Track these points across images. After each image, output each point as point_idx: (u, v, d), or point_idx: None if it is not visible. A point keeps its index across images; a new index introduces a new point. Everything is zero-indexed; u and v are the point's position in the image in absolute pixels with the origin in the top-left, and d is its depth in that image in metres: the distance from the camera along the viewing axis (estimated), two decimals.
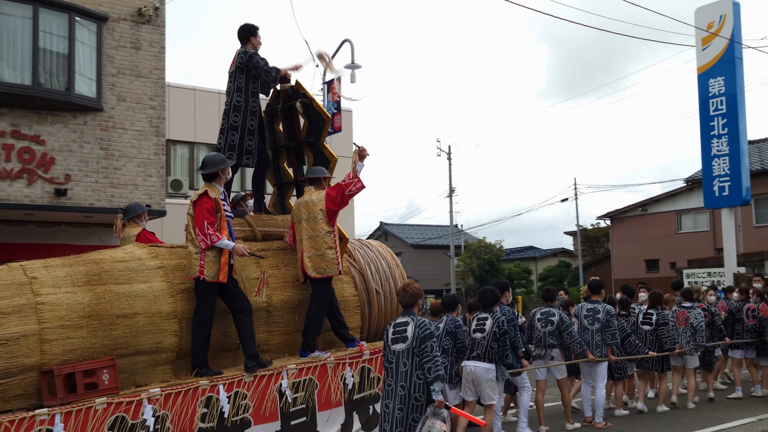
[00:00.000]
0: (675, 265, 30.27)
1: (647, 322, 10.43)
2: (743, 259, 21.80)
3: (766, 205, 29.82)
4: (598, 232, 44.66)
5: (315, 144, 7.65)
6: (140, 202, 8.28)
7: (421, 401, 5.70)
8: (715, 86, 19.52)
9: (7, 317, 5.45)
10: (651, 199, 35.03)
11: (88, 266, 6.03)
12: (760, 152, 31.42)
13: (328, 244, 6.83)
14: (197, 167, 20.31)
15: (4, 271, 5.78)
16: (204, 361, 6.14)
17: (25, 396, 5.48)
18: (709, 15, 19.60)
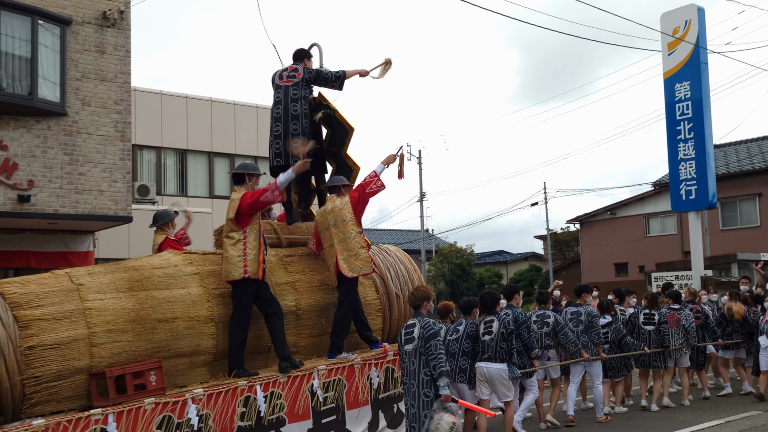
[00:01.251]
0: (644, 269, 30.58)
1: (650, 323, 10.73)
2: (710, 262, 22.08)
3: (733, 209, 30.27)
4: (568, 236, 45.01)
5: (338, 153, 8.02)
6: (168, 209, 8.34)
7: (430, 397, 6.08)
8: (681, 91, 19.75)
9: (59, 322, 5.71)
10: (620, 203, 35.39)
11: (129, 273, 6.33)
12: (726, 156, 31.90)
13: (360, 243, 7.15)
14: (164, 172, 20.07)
15: (51, 279, 6.04)
16: (241, 363, 6.41)
17: (76, 397, 5.74)
18: (674, 20, 19.84)
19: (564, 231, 45.86)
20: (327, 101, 8.12)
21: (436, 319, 8.20)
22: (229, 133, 21.09)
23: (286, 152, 7.68)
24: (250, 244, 6.55)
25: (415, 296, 6.50)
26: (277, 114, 7.92)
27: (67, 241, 14.14)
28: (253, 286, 6.51)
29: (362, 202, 7.32)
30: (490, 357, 8.23)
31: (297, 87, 7.91)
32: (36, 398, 5.58)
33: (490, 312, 8.51)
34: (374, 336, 7.46)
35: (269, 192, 6.61)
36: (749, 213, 29.85)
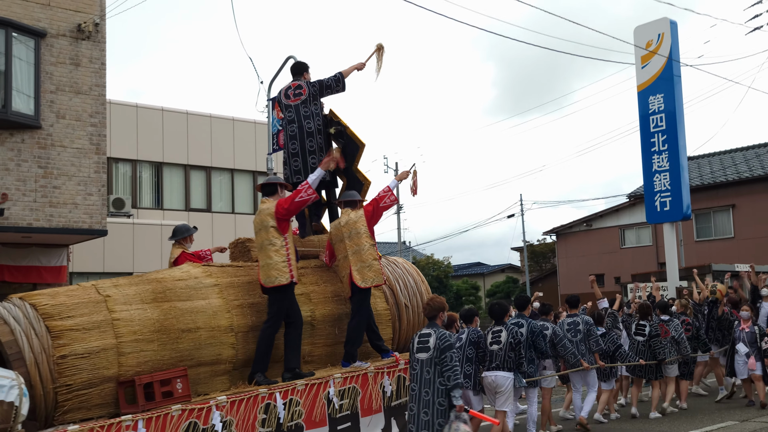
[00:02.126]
0: (620, 280, 30.78)
1: (640, 333, 11.06)
2: (685, 273, 22.26)
3: (707, 220, 30.63)
4: (545, 247, 45.25)
5: (349, 168, 8.22)
6: (187, 224, 8.50)
7: (444, 406, 6.33)
8: (654, 103, 19.97)
9: (88, 332, 5.94)
10: (595, 215, 35.66)
11: (152, 285, 6.55)
12: (700, 168, 32.31)
13: (373, 255, 7.39)
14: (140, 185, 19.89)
15: (79, 290, 6.27)
16: (266, 368, 6.68)
17: (104, 405, 5.97)
18: (647, 34, 20.08)
19: (540, 243, 46.11)
20: (338, 118, 8.31)
21: None
22: (206, 145, 20.98)
23: (305, 169, 7.89)
24: (291, 249, 6.91)
25: (431, 307, 6.69)
26: (292, 133, 8.10)
27: (41, 255, 13.94)
28: (293, 289, 6.88)
29: (376, 216, 7.57)
30: (498, 366, 8.50)
31: (306, 104, 8.13)
32: (68, 406, 5.79)
33: (498, 322, 8.78)
34: (386, 345, 7.69)
35: (303, 192, 6.94)
36: (723, 224, 30.22)
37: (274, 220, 6.87)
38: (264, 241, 6.90)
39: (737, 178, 29.64)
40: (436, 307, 6.67)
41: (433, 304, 6.71)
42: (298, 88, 8.23)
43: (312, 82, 8.25)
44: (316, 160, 7.87)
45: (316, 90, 8.18)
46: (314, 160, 7.93)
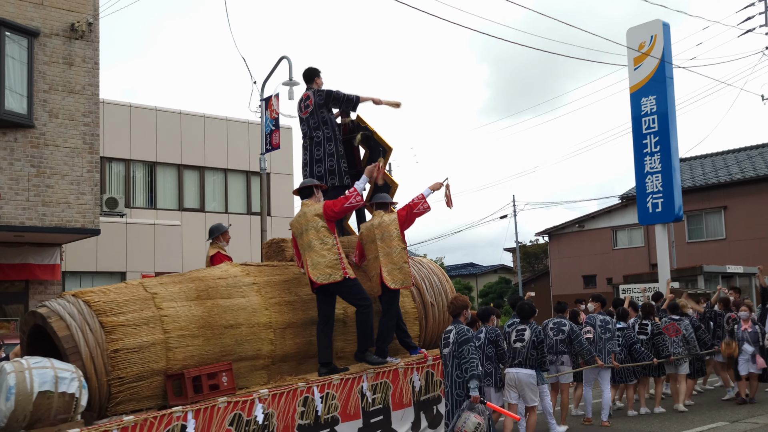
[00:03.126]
0: (612, 281, 30.90)
1: (643, 332, 11.42)
2: (677, 274, 22.39)
3: (699, 222, 30.76)
4: (537, 248, 45.38)
5: None
6: (221, 223, 8.85)
7: (461, 397, 6.65)
8: (647, 105, 20.05)
9: (139, 328, 6.22)
10: (587, 216, 35.76)
11: (195, 283, 6.84)
12: (692, 170, 32.45)
13: (404, 258, 7.59)
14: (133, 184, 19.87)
15: (128, 288, 6.56)
16: (330, 358, 7.06)
17: (153, 397, 6.25)
18: (640, 35, 20.16)
19: (533, 243, 46.24)
20: (365, 123, 8.60)
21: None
22: (199, 145, 20.98)
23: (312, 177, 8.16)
24: (341, 247, 7.20)
25: (455, 305, 7.05)
26: (304, 144, 8.42)
27: (34, 254, 13.92)
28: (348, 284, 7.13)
29: (408, 221, 7.73)
30: (521, 363, 8.82)
31: (314, 115, 8.37)
32: (120, 397, 6.08)
33: (524, 321, 9.11)
34: (413, 342, 7.94)
35: (352, 198, 7.18)
36: (715, 226, 30.37)
37: (323, 220, 7.12)
38: (313, 241, 7.09)
39: (729, 180, 29.79)
40: (459, 305, 7.03)
41: (456, 303, 7.06)
42: (307, 99, 8.48)
43: (319, 90, 8.41)
44: (323, 169, 8.14)
45: (322, 99, 8.36)
46: (320, 168, 8.18)
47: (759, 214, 28.49)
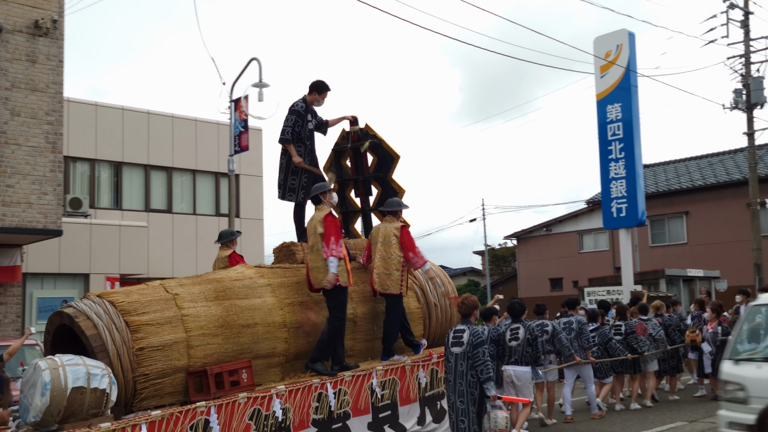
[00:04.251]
0: (577, 284, 31.26)
1: (618, 333, 11.96)
2: (640, 277, 22.71)
3: (661, 226, 31.27)
4: (506, 251, 45.74)
5: (383, 178, 9.00)
6: (232, 229, 9.36)
7: (476, 396, 6.96)
8: (612, 112, 20.35)
9: (162, 327, 6.49)
10: (555, 220, 36.14)
11: (213, 284, 7.14)
12: (655, 175, 32.99)
13: (396, 266, 7.93)
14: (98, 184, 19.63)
15: (149, 289, 6.83)
16: (342, 358, 7.41)
17: (175, 393, 6.51)
18: (606, 44, 20.46)
19: (502, 247, 46.59)
20: (373, 131, 8.99)
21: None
22: (167, 146, 20.80)
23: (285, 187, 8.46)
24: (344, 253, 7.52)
25: (466, 306, 7.28)
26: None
27: None
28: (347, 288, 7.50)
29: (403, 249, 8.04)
30: (517, 360, 9.32)
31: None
32: (144, 393, 6.33)
33: (516, 319, 9.60)
34: (416, 340, 8.34)
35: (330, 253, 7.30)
36: (677, 230, 30.90)
37: (322, 225, 7.42)
38: (318, 244, 7.41)
39: (691, 186, 30.34)
40: (470, 305, 7.28)
41: (467, 303, 7.30)
42: None
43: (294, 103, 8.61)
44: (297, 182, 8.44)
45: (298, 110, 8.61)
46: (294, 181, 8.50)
47: (719, 220, 29.05)
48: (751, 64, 23.01)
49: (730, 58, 23.18)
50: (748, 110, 22.91)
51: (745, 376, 6.73)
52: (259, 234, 22.56)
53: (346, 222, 9.44)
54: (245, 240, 21.53)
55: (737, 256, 26.97)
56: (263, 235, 22.77)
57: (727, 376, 6.94)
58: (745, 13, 22.91)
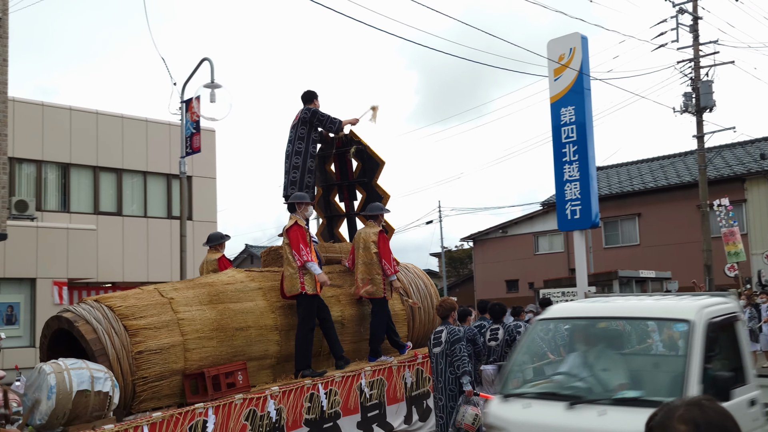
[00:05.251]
0: (533, 285, 31.55)
1: None
2: (593, 279, 22.99)
3: (614, 228, 31.74)
4: (462, 253, 45.98)
5: (368, 183, 9.28)
6: (221, 232, 9.36)
7: (454, 391, 7.24)
8: (566, 115, 20.51)
9: (159, 331, 6.63)
10: (510, 222, 36.42)
11: (206, 288, 7.29)
12: (608, 178, 33.48)
13: (378, 271, 8.21)
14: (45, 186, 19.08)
15: (145, 294, 6.95)
16: (309, 364, 7.51)
17: (172, 395, 6.68)
18: (560, 47, 20.61)
19: (458, 249, 46.81)
20: (358, 137, 9.21)
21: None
22: (116, 147, 20.32)
23: (286, 185, 8.76)
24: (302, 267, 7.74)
25: (444, 308, 7.61)
26: (286, 152, 9.00)
27: None
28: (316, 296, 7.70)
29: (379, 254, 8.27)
30: (496, 360, 9.59)
31: (294, 128, 8.93)
32: (143, 396, 6.51)
33: (496, 321, 9.96)
34: (402, 341, 8.66)
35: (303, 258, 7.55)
36: (630, 232, 31.39)
37: (287, 235, 7.65)
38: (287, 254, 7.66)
39: (643, 188, 30.85)
40: (447, 307, 7.61)
41: (445, 305, 7.65)
42: (298, 112, 9.09)
43: (307, 108, 9.02)
44: (288, 179, 8.72)
45: (307, 116, 8.92)
46: (287, 178, 8.75)
47: (671, 221, 29.60)
48: (700, 68, 23.49)
49: (680, 62, 23.63)
50: (697, 114, 23.37)
51: (509, 419, 5.05)
52: None
53: (331, 226, 9.63)
54: (198, 242, 21.17)
55: (688, 258, 27.50)
56: None
57: (493, 419, 5.23)
58: (694, 18, 23.37)
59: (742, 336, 5.41)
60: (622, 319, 5.59)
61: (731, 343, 5.34)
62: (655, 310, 5.47)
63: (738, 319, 5.36)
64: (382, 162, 9.17)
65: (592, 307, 5.76)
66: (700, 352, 4.66)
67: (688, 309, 5.02)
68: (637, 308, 5.60)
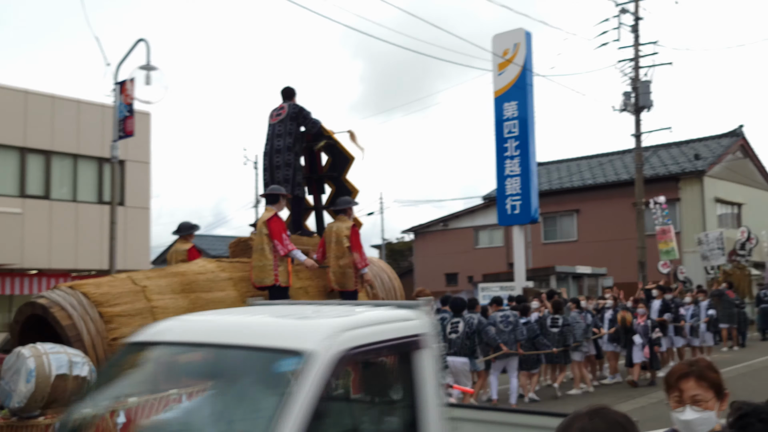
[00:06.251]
0: (472, 279, 31.71)
1: (555, 326, 12.93)
2: (531, 274, 23.18)
3: (553, 223, 32.16)
4: (403, 245, 45.99)
5: (338, 178, 9.45)
6: (191, 222, 9.39)
7: None
8: (509, 110, 20.59)
9: (133, 318, 6.68)
10: (452, 215, 36.55)
11: (178, 277, 7.39)
12: (549, 174, 33.88)
13: (350, 264, 8.35)
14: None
15: (117, 281, 7.07)
16: None
17: None
18: (504, 42, 20.67)
19: (399, 241, 46.80)
20: (328, 132, 9.38)
21: None
22: (46, 128, 19.47)
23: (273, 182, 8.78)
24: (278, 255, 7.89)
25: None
26: (265, 150, 9.05)
27: None
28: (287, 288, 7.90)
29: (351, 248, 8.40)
30: (456, 352, 10.08)
31: (282, 123, 9.01)
32: None
33: (457, 314, 10.48)
34: None
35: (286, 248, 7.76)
36: (568, 228, 31.86)
37: (267, 227, 7.80)
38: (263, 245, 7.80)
39: (582, 185, 31.33)
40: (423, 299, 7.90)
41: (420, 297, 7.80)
42: (281, 108, 9.17)
43: (294, 104, 9.12)
44: (281, 175, 8.80)
45: (295, 112, 9.05)
46: (279, 174, 8.83)
47: (607, 218, 30.13)
48: (640, 68, 23.89)
49: (621, 62, 23.99)
50: (635, 113, 23.78)
51: None
52: (146, 223, 21.55)
53: (299, 219, 9.61)
54: (130, 229, 20.50)
55: (623, 254, 28.03)
56: (149, 224, 21.76)
57: None
58: (635, 18, 23.74)
59: (425, 371, 3.51)
60: (212, 346, 3.74)
61: (403, 382, 3.55)
62: (261, 334, 3.53)
63: (420, 346, 3.53)
64: (352, 157, 9.39)
65: (183, 328, 3.97)
66: (305, 406, 2.88)
67: (310, 334, 3.24)
68: (237, 331, 3.66)
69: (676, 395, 2.74)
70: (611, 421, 1.89)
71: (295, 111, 9.08)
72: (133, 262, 20.59)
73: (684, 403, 2.71)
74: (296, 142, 9.06)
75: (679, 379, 2.74)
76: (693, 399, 2.70)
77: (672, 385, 2.75)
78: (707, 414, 2.69)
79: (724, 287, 20.65)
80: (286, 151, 8.93)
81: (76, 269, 19.88)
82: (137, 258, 20.86)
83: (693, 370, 2.73)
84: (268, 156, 9.04)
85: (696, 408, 2.68)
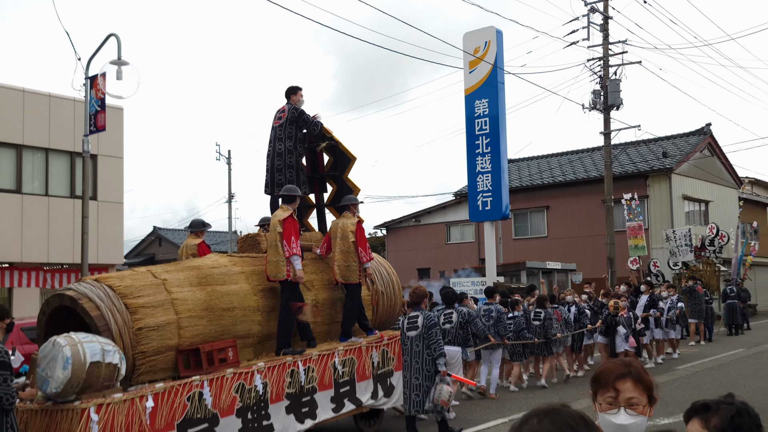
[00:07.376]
0: (444, 274, 31.98)
1: (537, 319, 13.46)
2: (502, 269, 23.51)
3: (524, 220, 32.54)
4: (376, 241, 46.14)
5: (339, 177, 9.87)
6: (203, 219, 10.01)
7: (431, 372, 8.37)
8: (480, 107, 20.84)
9: (156, 309, 7.11)
10: (424, 211, 36.79)
11: (194, 271, 7.80)
12: (519, 171, 34.26)
13: (354, 258, 8.83)
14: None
15: (138, 275, 7.44)
16: (289, 344, 8.16)
17: (166, 369, 7.17)
18: (475, 40, 20.90)
19: (372, 236, 46.94)
20: (330, 133, 9.77)
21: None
22: (17, 121, 19.32)
23: (272, 184, 9.25)
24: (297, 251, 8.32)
25: (417, 295, 8.71)
26: (268, 152, 9.44)
27: None
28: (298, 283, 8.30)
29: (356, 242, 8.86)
30: (450, 341, 10.61)
31: (283, 127, 9.36)
32: (141, 369, 6.96)
33: (449, 306, 11.10)
34: (370, 325, 9.30)
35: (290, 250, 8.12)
36: (538, 224, 32.26)
37: (281, 226, 8.16)
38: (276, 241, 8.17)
39: (552, 182, 31.74)
40: (420, 294, 8.74)
41: (418, 292, 8.73)
42: (282, 111, 9.48)
43: (295, 107, 9.44)
44: (283, 178, 9.17)
45: (294, 115, 9.37)
46: (281, 177, 9.19)
47: (576, 214, 30.59)
48: (609, 67, 24.27)
49: (590, 60, 24.35)
50: (605, 111, 24.17)
51: None
52: (118, 218, 21.48)
53: (300, 216, 9.87)
54: (103, 224, 20.43)
55: (592, 250, 28.49)
56: (122, 219, 21.69)
57: None
58: (604, 18, 24.11)
59: None
60: None
61: None
62: None
63: None
64: (354, 158, 9.79)
65: None
66: None
67: None
68: None
69: (610, 396, 2.49)
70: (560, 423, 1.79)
71: (295, 115, 9.41)
72: (105, 257, 20.53)
73: (618, 405, 2.46)
74: (297, 145, 9.42)
75: (616, 379, 2.49)
76: (629, 402, 2.47)
77: (607, 385, 2.49)
78: (640, 419, 2.46)
79: (692, 284, 21.09)
80: (287, 154, 9.31)
81: (48, 263, 19.78)
82: (110, 252, 20.80)
83: (631, 371, 2.50)
84: (270, 158, 9.39)
85: (630, 411, 2.45)
